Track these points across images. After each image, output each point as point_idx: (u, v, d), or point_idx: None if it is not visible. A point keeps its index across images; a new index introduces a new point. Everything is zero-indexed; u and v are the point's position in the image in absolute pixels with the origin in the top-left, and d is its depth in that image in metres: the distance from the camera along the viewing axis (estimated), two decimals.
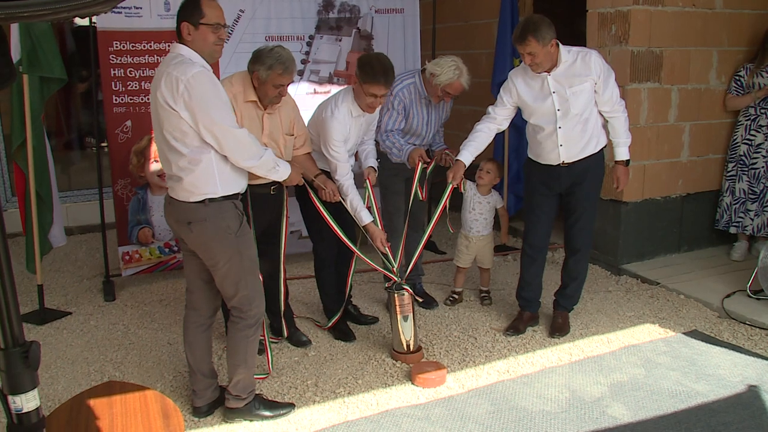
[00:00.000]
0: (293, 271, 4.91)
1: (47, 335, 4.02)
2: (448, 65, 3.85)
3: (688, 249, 5.31)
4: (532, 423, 3.05)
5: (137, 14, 4.39)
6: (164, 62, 2.78)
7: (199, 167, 2.77)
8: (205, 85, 2.70)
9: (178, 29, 2.79)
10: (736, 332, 3.98)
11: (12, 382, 1.25)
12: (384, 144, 3.99)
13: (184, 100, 2.67)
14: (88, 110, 7.02)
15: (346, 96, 3.66)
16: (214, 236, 2.83)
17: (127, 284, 4.81)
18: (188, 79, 2.65)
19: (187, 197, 2.81)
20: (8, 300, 1.21)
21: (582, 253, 3.95)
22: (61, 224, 4.48)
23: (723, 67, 5.10)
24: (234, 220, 2.86)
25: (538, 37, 3.41)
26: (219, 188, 2.82)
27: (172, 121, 2.71)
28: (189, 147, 2.75)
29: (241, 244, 2.89)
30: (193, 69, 2.68)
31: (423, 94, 3.99)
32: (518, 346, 3.87)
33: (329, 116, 3.59)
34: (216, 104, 2.73)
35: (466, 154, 3.79)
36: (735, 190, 5.11)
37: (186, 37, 2.77)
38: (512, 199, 5.67)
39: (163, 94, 2.69)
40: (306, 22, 4.90)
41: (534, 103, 3.69)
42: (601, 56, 3.62)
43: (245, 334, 2.98)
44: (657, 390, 3.33)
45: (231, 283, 2.91)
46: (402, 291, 3.67)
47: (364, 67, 3.53)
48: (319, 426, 3.05)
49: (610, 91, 3.61)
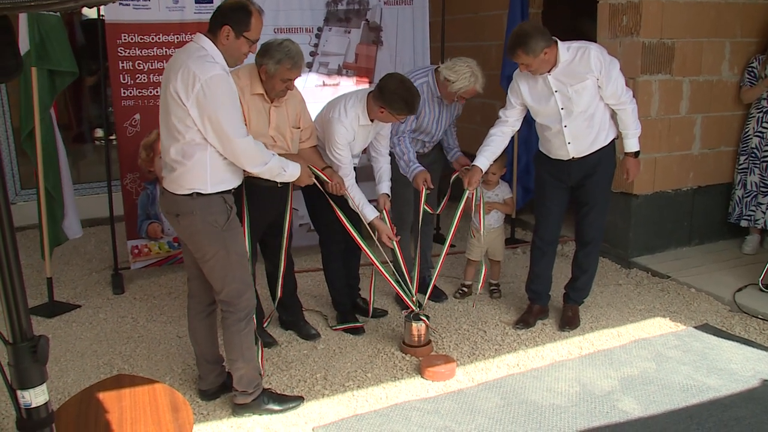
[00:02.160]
0: (302, 263, 4.91)
1: (57, 328, 4.04)
2: (463, 72, 3.78)
3: (699, 242, 5.27)
4: (542, 417, 3.04)
5: (145, 6, 4.37)
6: (184, 52, 2.74)
7: (191, 161, 2.76)
8: (222, 90, 2.67)
9: (216, 27, 2.74)
10: (747, 326, 3.95)
11: (21, 376, 1.24)
12: (395, 148, 3.94)
13: (197, 99, 2.65)
14: (97, 103, 7.03)
15: (357, 103, 3.60)
16: (201, 229, 2.83)
17: (136, 277, 4.81)
18: (207, 79, 2.63)
19: (176, 189, 2.82)
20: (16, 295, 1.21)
21: (592, 246, 3.92)
22: (76, 216, 4.48)
23: (735, 58, 5.04)
24: (221, 214, 2.84)
25: (527, 50, 3.39)
26: (208, 186, 2.81)
27: (179, 113, 2.70)
28: (187, 139, 2.74)
29: (228, 239, 2.87)
30: (213, 70, 2.65)
31: (436, 94, 3.95)
32: (528, 340, 3.85)
33: (336, 118, 3.55)
34: (228, 112, 2.70)
35: (483, 159, 3.78)
36: (747, 183, 5.06)
37: (222, 40, 2.75)
38: (521, 191, 5.64)
39: (176, 87, 2.66)
40: (315, 14, 4.88)
41: (538, 104, 3.66)
42: (601, 50, 3.54)
43: (237, 328, 2.97)
44: (668, 384, 3.31)
45: (218, 276, 2.90)
46: (419, 321, 3.66)
47: (394, 99, 3.44)
48: (329, 419, 3.05)
49: (613, 84, 3.54)
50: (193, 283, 3.12)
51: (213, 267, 2.88)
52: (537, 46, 3.39)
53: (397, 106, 3.46)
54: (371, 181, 3.91)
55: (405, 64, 5.12)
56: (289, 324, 3.94)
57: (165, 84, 2.76)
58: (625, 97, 3.61)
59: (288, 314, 3.93)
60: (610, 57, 3.55)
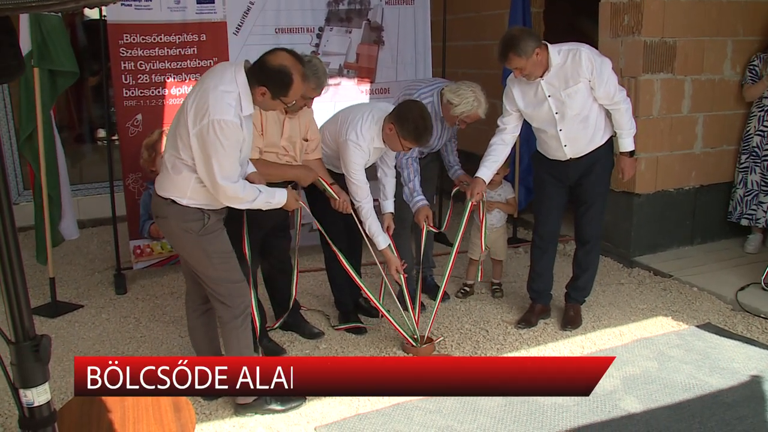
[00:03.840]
0: (303, 263, 4.91)
1: (59, 328, 4.05)
2: (466, 96, 3.79)
3: (702, 241, 5.26)
4: (545, 416, 3.04)
5: (147, 7, 4.37)
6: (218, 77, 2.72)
7: (178, 176, 2.79)
8: (225, 136, 2.64)
9: (253, 81, 2.71)
10: (750, 325, 3.95)
11: (23, 375, 1.25)
12: (402, 172, 3.91)
13: (200, 132, 2.65)
14: (99, 104, 7.04)
15: (373, 125, 3.58)
16: (176, 233, 2.88)
17: (139, 277, 4.82)
18: (216, 120, 2.62)
19: (159, 191, 2.86)
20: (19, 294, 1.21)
21: (592, 244, 3.92)
22: (73, 217, 4.49)
23: (737, 57, 5.03)
24: (196, 222, 2.84)
25: (519, 52, 3.39)
26: (185, 200, 2.82)
27: (182, 131, 2.73)
28: (181, 156, 2.76)
29: (205, 242, 2.87)
30: (227, 114, 2.63)
31: (439, 114, 3.94)
32: (530, 339, 3.85)
33: (353, 141, 3.53)
34: (223, 157, 2.66)
35: (485, 170, 3.77)
36: (748, 182, 5.05)
37: (257, 96, 2.73)
38: (523, 191, 5.63)
39: (192, 107, 2.68)
40: (316, 14, 4.87)
41: (532, 109, 3.66)
42: (591, 51, 3.53)
43: (233, 325, 2.98)
44: (670, 383, 3.31)
45: (203, 276, 2.93)
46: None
47: (407, 124, 3.44)
48: (331, 419, 3.05)
49: (605, 85, 3.51)
50: (187, 280, 3.17)
51: (195, 267, 2.94)
52: (528, 47, 3.39)
53: (407, 127, 3.44)
54: (374, 180, 3.92)
55: (406, 64, 5.12)
56: (290, 325, 3.94)
57: (189, 93, 2.78)
58: (618, 96, 3.59)
59: (289, 315, 3.93)
60: (601, 57, 3.53)
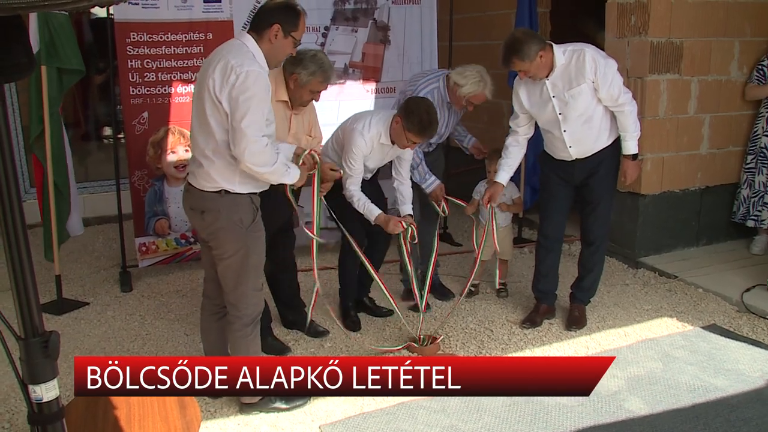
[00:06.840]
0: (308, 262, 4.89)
1: (65, 325, 4.06)
2: (472, 77, 3.82)
3: (707, 242, 5.25)
4: (549, 416, 3.04)
5: (154, 5, 4.39)
6: (225, 49, 2.72)
7: (221, 160, 2.75)
8: (258, 87, 2.63)
9: (263, 26, 2.72)
10: (755, 327, 3.94)
11: (32, 371, 1.26)
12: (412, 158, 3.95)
13: (230, 90, 2.62)
14: (106, 102, 7.06)
15: (382, 121, 3.61)
16: (225, 227, 2.81)
17: (144, 275, 4.83)
18: (245, 71, 2.60)
19: (204, 186, 2.80)
20: (28, 291, 1.22)
21: (597, 245, 3.91)
22: (78, 214, 4.50)
23: (745, 57, 5.01)
24: (248, 214, 2.84)
25: (521, 56, 3.40)
26: (236, 186, 2.80)
27: (212, 110, 2.69)
28: (218, 138, 2.72)
29: (251, 240, 2.86)
30: (253, 65, 2.63)
31: (445, 99, 3.96)
32: (534, 339, 3.85)
33: (359, 130, 3.57)
34: (256, 111, 2.64)
35: (503, 174, 3.83)
36: (754, 182, 5.04)
37: (271, 38, 2.73)
38: (528, 191, 5.62)
39: (214, 81, 2.64)
40: (322, 13, 4.88)
41: (537, 110, 3.67)
42: (596, 51, 3.51)
43: (243, 333, 2.96)
44: (674, 384, 3.30)
45: (232, 275, 2.88)
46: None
47: (412, 117, 3.46)
48: (335, 417, 3.06)
49: (609, 86, 3.48)
50: (209, 284, 3.12)
51: (229, 266, 2.87)
52: (531, 51, 3.39)
53: (412, 120, 3.46)
54: (388, 179, 3.95)
55: (412, 64, 5.12)
56: (294, 323, 3.95)
57: (202, 77, 2.74)
58: (623, 98, 3.55)
59: (293, 314, 3.95)
60: (605, 58, 3.51)
